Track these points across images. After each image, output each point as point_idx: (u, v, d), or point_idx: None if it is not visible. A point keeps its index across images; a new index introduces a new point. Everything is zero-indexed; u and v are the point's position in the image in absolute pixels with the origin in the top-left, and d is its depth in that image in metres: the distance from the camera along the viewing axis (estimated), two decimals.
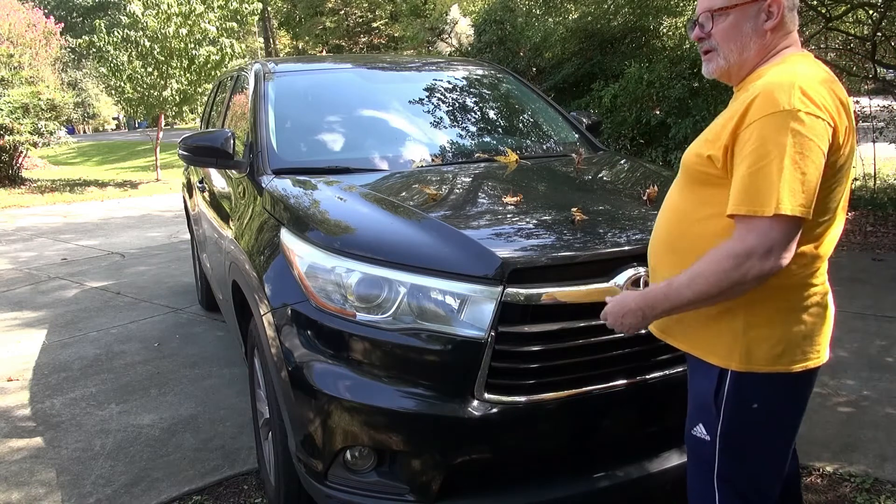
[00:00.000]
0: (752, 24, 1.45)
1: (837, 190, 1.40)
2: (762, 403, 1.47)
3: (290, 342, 2.05)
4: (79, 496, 2.68)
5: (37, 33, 18.52)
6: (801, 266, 1.41)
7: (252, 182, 2.82)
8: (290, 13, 31.56)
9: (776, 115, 1.29)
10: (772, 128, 1.30)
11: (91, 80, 31.62)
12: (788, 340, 1.44)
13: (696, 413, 1.56)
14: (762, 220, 1.29)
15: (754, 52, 1.46)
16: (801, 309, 1.44)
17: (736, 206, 1.32)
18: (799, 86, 1.31)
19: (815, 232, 1.41)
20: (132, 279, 6.17)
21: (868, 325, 4.10)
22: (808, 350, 1.46)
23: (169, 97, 13.80)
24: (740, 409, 1.48)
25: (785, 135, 1.28)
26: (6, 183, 14.07)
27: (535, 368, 1.89)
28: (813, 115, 1.29)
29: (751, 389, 1.46)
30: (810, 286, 1.44)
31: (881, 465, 2.65)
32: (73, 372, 3.96)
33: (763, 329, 1.43)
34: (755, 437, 1.50)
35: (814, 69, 1.39)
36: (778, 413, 1.50)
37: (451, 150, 3.13)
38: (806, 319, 1.45)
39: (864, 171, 7.48)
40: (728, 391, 1.47)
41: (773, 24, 1.44)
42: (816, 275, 1.45)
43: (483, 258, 1.89)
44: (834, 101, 1.34)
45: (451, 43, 12.04)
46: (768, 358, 1.43)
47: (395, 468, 1.95)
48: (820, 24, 7.23)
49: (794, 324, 1.44)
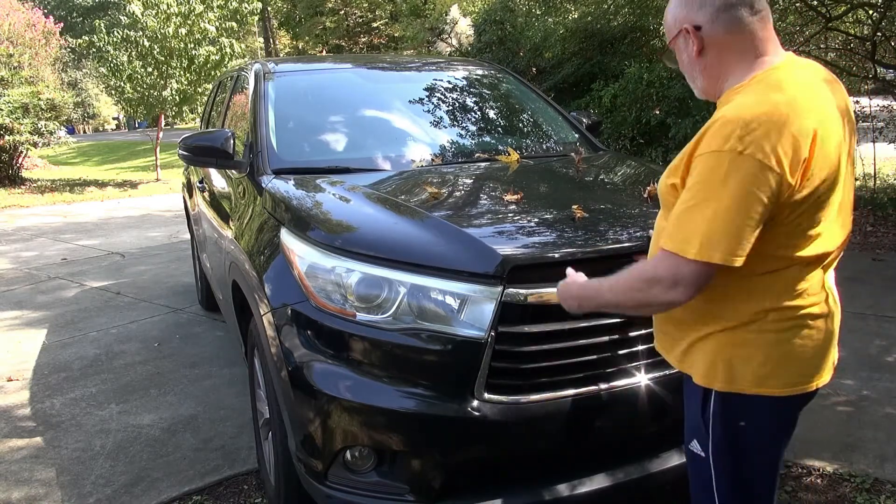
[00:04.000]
0: (687, 55, 1.45)
1: (817, 217, 1.33)
2: (749, 422, 1.44)
3: (290, 342, 2.05)
4: (79, 496, 2.68)
5: (36, 33, 18.51)
6: (784, 291, 1.37)
7: (252, 182, 2.82)
8: (290, 13, 31.57)
9: (715, 155, 1.26)
10: (709, 167, 1.27)
11: (91, 80, 31.64)
12: (776, 362, 1.39)
13: (690, 429, 1.55)
14: (679, 257, 1.29)
15: (701, 77, 1.45)
16: (789, 331, 1.38)
17: (665, 240, 1.33)
18: (748, 123, 1.24)
19: (796, 256, 1.35)
20: (132, 279, 6.17)
21: (868, 325, 4.10)
22: (800, 373, 1.41)
23: (169, 97, 13.80)
24: (727, 427, 1.45)
25: (719, 178, 1.25)
26: (6, 183, 14.07)
27: (536, 368, 1.89)
28: (753, 159, 1.23)
29: (736, 410, 1.43)
30: (798, 309, 1.38)
31: (881, 465, 2.65)
32: (73, 372, 3.96)
33: (747, 349, 1.39)
34: (745, 454, 1.48)
35: (774, 96, 1.29)
36: (767, 432, 1.47)
37: (451, 150, 3.13)
38: (796, 342, 1.39)
39: (864, 171, 7.48)
40: (714, 410, 1.45)
41: (696, 49, 1.41)
42: (804, 297, 1.38)
43: (484, 255, 1.89)
44: (791, 137, 1.25)
45: (451, 43, 12.05)
46: (753, 380, 1.40)
47: (396, 468, 1.95)
48: (820, 24, 7.22)
49: (781, 345, 1.39)
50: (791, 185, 1.26)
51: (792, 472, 2.62)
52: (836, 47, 8.26)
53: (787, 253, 1.34)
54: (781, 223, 1.31)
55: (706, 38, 1.40)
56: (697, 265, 1.28)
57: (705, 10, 1.38)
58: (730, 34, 1.38)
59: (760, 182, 1.23)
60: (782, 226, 1.31)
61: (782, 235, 1.32)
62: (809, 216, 1.32)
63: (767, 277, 1.36)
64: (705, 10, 1.38)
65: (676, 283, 1.31)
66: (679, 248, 1.29)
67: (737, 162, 1.23)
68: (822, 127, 1.30)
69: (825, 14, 7.00)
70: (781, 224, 1.31)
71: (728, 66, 1.40)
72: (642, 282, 1.37)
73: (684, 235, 1.29)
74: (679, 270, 1.30)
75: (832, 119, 1.34)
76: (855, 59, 8.09)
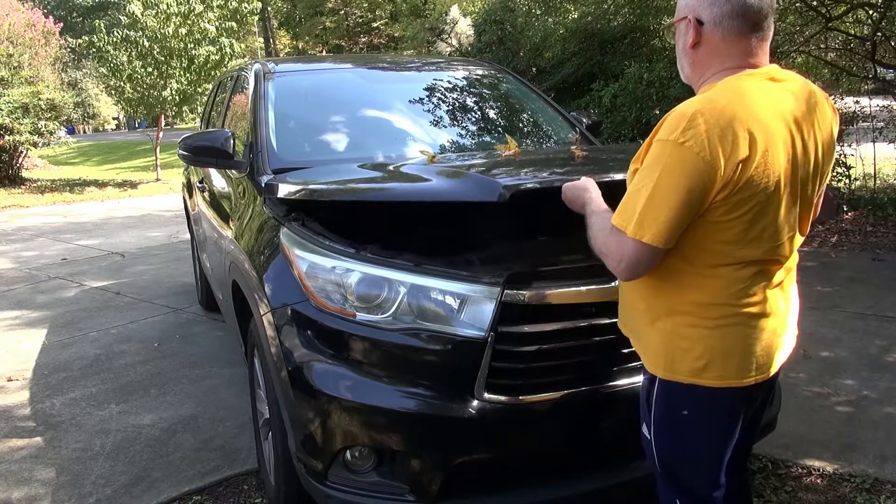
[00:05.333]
0: (682, 42, 1.49)
1: (760, 221, 1.37)
2: (690, 411, 1.50)
3: (289, 342, 2.05)
4: (79, 496, 2.68)
5: (36, 33, 18.49)
6: (728, 287, 1.41)
7: (252, 182, 2.82)
8: (290, 13, 31.57)
9: (662, 143, 1.34)
10: (654, 154, 1.36)
11: (91, 80, 31.61)
12: (711, 356, 1.43)
13: (641, 412, 1.64)
14: (624, 234, 1.38)
15: (689, 66, 1.49)
16: (729, 327, 1.42)
17: (614, 216, 1.42)
18: (694, 117, 1.30)
19: (739, 255, 1.39)
20: (132, 279, 6.17)
21: (868, 325, 4.10)
22: (737, 367, 1.44)
23: (169, 97, 13.79)
24: (667, 413, 1.53)
25: (660, 165, 1.33)
26: (6, 183, 14.06)
27: (536, 368, 1.89)
28: (691, 151, 1.29)
29: (675, 397, 1.50)
30: (740, 307, 1.42)
31: (881, 465, 2.65)
32: (73, 372, 3.96)
33: (686, 341, 1.44)
34: (682, 442, 1.54)
35: (727, 98, 1.33)
36: (704, 423, 1.51)
37: (451, 150, 3.13)
38: (735, 338, 1.43)
39: (864, 171, 7.47)
40: (657, 395, 1.53)
41: (692, 41, 1.44)
42: (747, 296, 1.42)
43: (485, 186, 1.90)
44: (731, 137, 1.29)
45: (450, 43, 12.05)
46: (690, 370, 1.45)
47: (396, 468, 1.95)
48: (820, 24, 7.23)
49: (718, 339, 1.42)
50: (724, 182, 1.31)
51: (792, 472, 2.62)
52: (836, 47, 8.26)
53: (730, 251, 1.39)
54: (721, 221, 1.36)
55: (705, 34, 1.43)
56: (635, 244, 1.36)
57: (713, 10, 1.40)
58: (725, 41, 1.41)
59: (692, 173, 1.30)
60: (722, 224, 1.36)
61: (723, 232, 1.37)
62: (751, 219, 1.37)
63: (714, 272, 1.41)
64: (713, 10, 1.41)
65: (620, 259, 1.41)
66: (622, 225, 1.39)
67: (676, 152, 1.31)
68: (770, 137, 1.34)
69: (825, 14, 7.00)
70: (721, 222, 1.36)
71: (713, 65, 1.45)
72: (604, 236, 1.46)
73: (627, 214, 1.38)
74: (623, 247, 1.39)
75: (784, 131, 1.37)
76: (855, 59, 8.09)
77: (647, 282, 1.48)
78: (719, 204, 1.34)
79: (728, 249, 1.39)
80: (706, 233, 1.37)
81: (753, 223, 1.37)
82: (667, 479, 1.61)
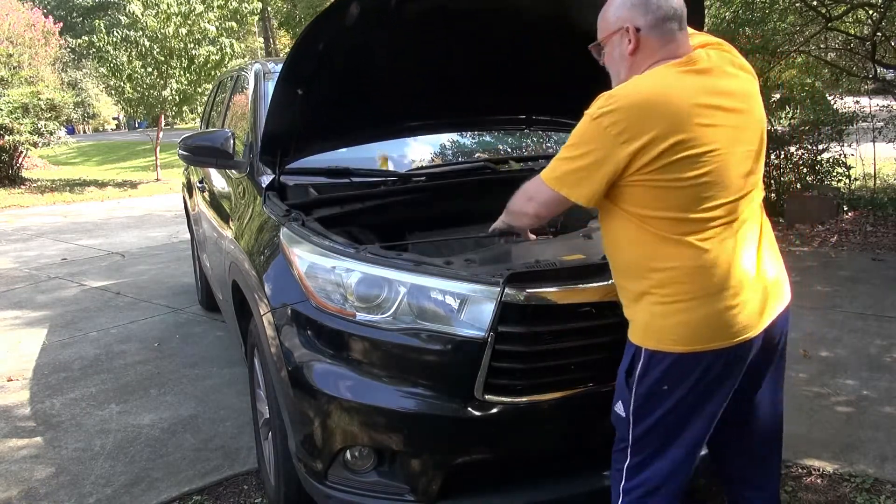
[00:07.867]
0: (619, 51, 1.65)
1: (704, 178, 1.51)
2: (671, 385, 1.57)
3: (289, 342, 2.05)
4: (79, 496, 2.68)
5: (36, 33, 18.49)
6: (691, 256, 1.53)
7: (252, 182, 2.82)
8: (290, 13, 31.54)
9: (585, 117, 1.56)
10: (578, 125, 1.58)
11: (91, 80, 31.58)
12: (693, 321, 1.54)
13: (618, 390, 1.69)
14: (542, 180, 1.64)
15: (627, 71, 1.65)
16: (703, 290, 1.54)
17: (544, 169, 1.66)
18: (609, 97, 1.53)
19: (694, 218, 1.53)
20: (132, 279, 6.17)
21: (868, 325, 4.10)
22: (717, 329, 1.55)
23: (169, 97, 13.77)
24: (648, 387, 1.60)
25: (579, 134, 1.57)
26: (6, 183, 14.05)
27: (536, 368, 1.89)
28: (599, 125, 1.51)
29: (658, 368, 1.57)
30: (706, 271, 1.53)
31: (881, 465, 2.65)
32: (73, 372, 3.96)
33: (668, 307, 1.55)
34: (662, 419, 1.60)
35: (645, 81, 1.55)
36: (688, 396, 1.58)
37: (451, 150, 3.13)
38: (709, 301, 1.54)
39: (864, 171, 7.47)
40: (640, 369, 1.60)
41: (632, 47, 1.62)
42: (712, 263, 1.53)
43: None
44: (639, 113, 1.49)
45: None
46: (674, 338, 1.55)
47: (395, 468, 1.95)
48: (820, 24, 7.23)
49: (698, 306, 1.54)
50: (634, 150, 1.49)
51: (792, 472, 2.62)
52: (836, 47, 8.26)
53: (685, 215, 1.53)
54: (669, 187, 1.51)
55: (643, 39, 1.61)
56: (551, 192, 1.62)
57: (649, 17, 1.60)
58: (660, 41, 1.61)
59: (601, 143, 1.52)
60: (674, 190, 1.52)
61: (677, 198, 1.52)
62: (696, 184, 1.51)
63: (684, 240, 1.53)
64: (648, 17, 1.60)
65: (531, 197, 1.70)
66: (544, 175, 1.64)
67: (592, 124, 1.54)
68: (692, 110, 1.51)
69: (825, 14, 7.00)
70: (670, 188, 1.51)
71: (645, 63, 1.62)
72: (519, 192, 1.76)
73: (551, 167, 1.62)
74: (539, 190, 1.66)
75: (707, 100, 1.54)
76: (855, 59, 8.09)
77: (624, 256, 1.63)
78: (641, 168, 1.50)
79: (686, 213, 1.53)
80: (658, 198, 1.53)
81: (702, 187, 1.52)
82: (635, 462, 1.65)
